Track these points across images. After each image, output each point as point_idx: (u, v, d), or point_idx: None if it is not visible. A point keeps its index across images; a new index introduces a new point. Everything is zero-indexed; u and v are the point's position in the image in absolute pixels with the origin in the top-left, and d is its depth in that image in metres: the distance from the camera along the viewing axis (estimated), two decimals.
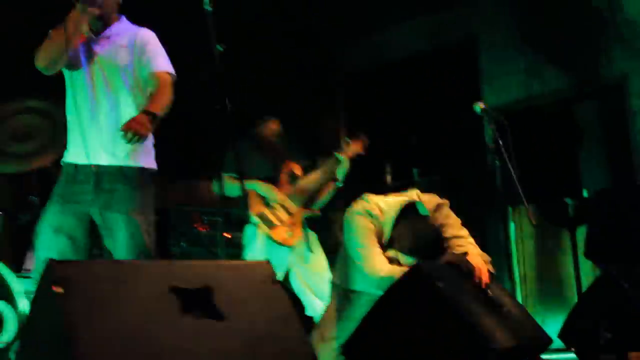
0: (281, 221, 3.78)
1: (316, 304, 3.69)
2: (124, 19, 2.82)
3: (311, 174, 3.92)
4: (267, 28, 5.47)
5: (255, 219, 3.76)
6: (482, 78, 5.61)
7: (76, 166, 2.67)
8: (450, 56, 5.70)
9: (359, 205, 3.09)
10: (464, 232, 3.16)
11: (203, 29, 2.87)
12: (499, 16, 5.59)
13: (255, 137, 3.93)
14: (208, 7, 2.78)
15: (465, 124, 4.85)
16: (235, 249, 4.56)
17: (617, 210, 4.27)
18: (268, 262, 2.31)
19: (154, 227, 2.76)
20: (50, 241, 2.59)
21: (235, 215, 4.81)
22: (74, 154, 2.70)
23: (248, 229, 3.88)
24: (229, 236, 4.80)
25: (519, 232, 4.93)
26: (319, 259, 3.83)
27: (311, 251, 3.80)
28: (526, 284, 4.94)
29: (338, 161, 3.81)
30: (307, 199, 3.90)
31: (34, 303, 2.36)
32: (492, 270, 3.03)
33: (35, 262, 2.71)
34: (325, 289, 3.63)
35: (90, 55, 2.73)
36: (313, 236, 3.91)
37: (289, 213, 3.81)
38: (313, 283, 3.74)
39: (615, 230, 4.20)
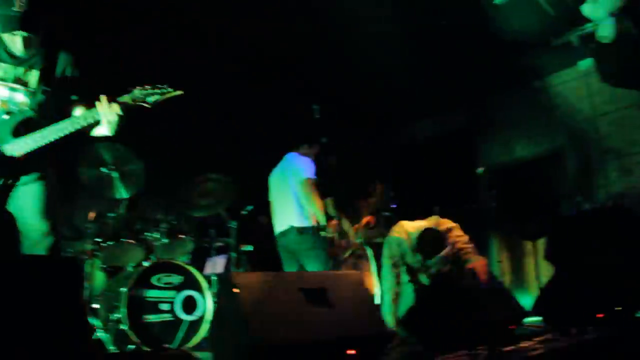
0: None
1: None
2: None
3: None
4: None
5: None
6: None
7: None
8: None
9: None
10: (470, 244, 4.45)
11: None
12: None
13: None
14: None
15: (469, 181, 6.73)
16: None
17: (564, 228, 5.39)
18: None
19: None
20: None
21: None
22: None
23: None
24: None
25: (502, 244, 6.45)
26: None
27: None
28: (505, 276, 6.30)
29: None
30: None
31: (219, 296, 3.84)
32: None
33: None
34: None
35: None
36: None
37: None
38: None
39: (563, 242, 5.22)
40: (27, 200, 2.98)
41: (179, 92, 2.95)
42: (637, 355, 3.15)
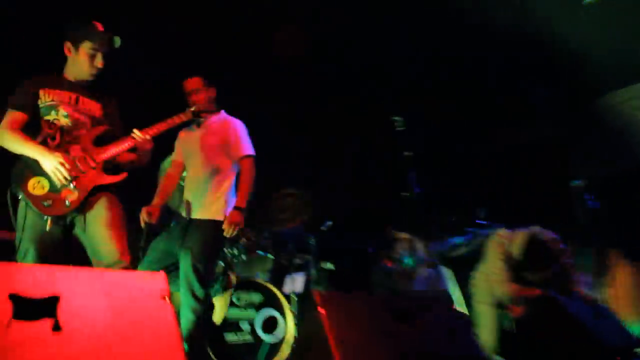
0: None
1: None
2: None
3: None
4: None
5: None
6: None
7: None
8: None
9: None
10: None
11: None
12: None
13: None
14: None
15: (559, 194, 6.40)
16: None
17: None
18: None
19: None
20: None
21: None
22: None
23: None
24: None
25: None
26: None
27: None
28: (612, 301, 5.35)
29: None
30: None
31: (301, 316, 3.96)
32: None
33: None
34: None
35: None
36: None
37: None
38: None
39: None
40: None
41: None
42: None
